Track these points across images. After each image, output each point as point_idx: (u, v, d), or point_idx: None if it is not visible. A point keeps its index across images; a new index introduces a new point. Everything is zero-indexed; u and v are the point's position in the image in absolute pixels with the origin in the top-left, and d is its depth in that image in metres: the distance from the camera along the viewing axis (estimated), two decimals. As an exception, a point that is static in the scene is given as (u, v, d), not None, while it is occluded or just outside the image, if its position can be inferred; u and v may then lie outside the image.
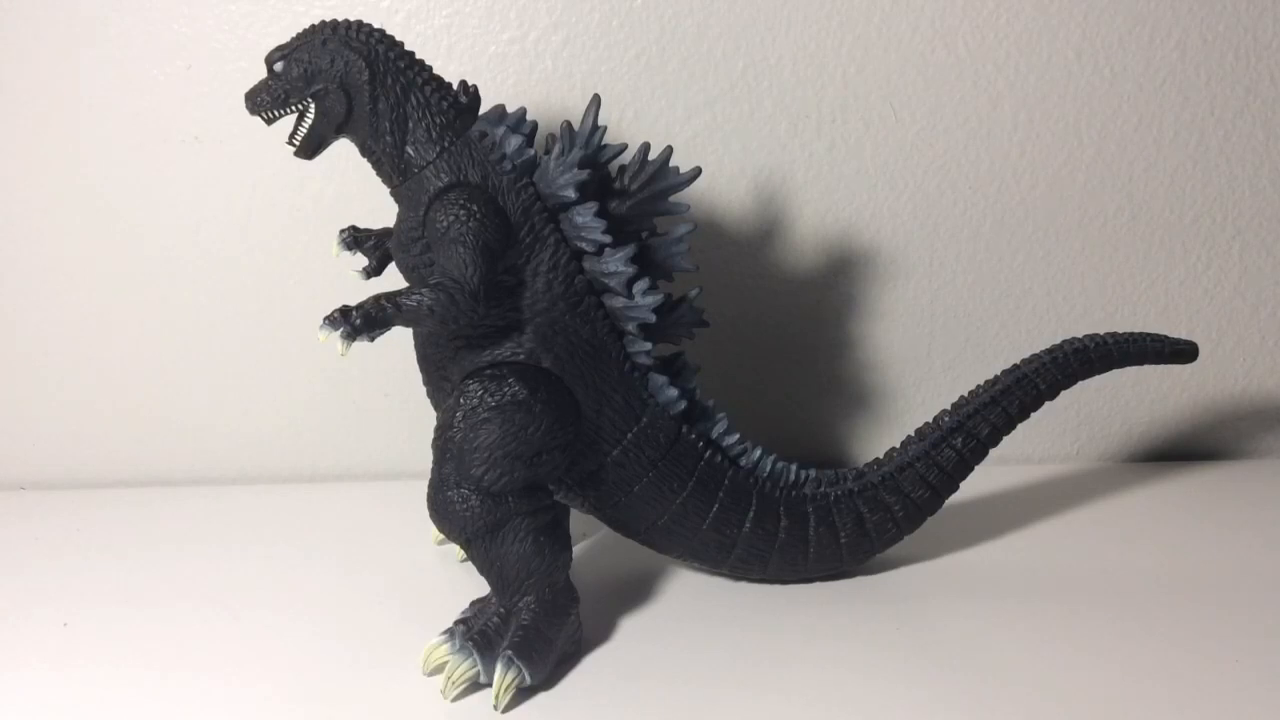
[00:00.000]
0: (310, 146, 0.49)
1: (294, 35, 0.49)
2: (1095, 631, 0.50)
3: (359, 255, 0.55)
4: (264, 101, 0.48)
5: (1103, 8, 0.64)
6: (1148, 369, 0.70)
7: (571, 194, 0.47)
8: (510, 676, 0.45)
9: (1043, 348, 0.58)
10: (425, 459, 0.48)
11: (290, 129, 0.49)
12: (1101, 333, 0.55)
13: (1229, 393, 0.71)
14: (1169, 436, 0.72)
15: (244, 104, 0.49)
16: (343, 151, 0.65)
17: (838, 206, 0.67)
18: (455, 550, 0.57)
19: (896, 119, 0.65)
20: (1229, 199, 0.67)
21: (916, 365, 0.70)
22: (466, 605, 0.50)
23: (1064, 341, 0.55)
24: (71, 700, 0.46)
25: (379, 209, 0.66)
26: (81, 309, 0.69)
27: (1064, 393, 0.55)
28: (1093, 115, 0.66)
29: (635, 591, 0.54)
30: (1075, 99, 0.65)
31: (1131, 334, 0.55)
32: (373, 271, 0.56)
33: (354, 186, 0.66)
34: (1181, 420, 0.72)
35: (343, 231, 0.55)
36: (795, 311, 0.68)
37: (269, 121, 0.49)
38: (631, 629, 0.51)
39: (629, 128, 0.64)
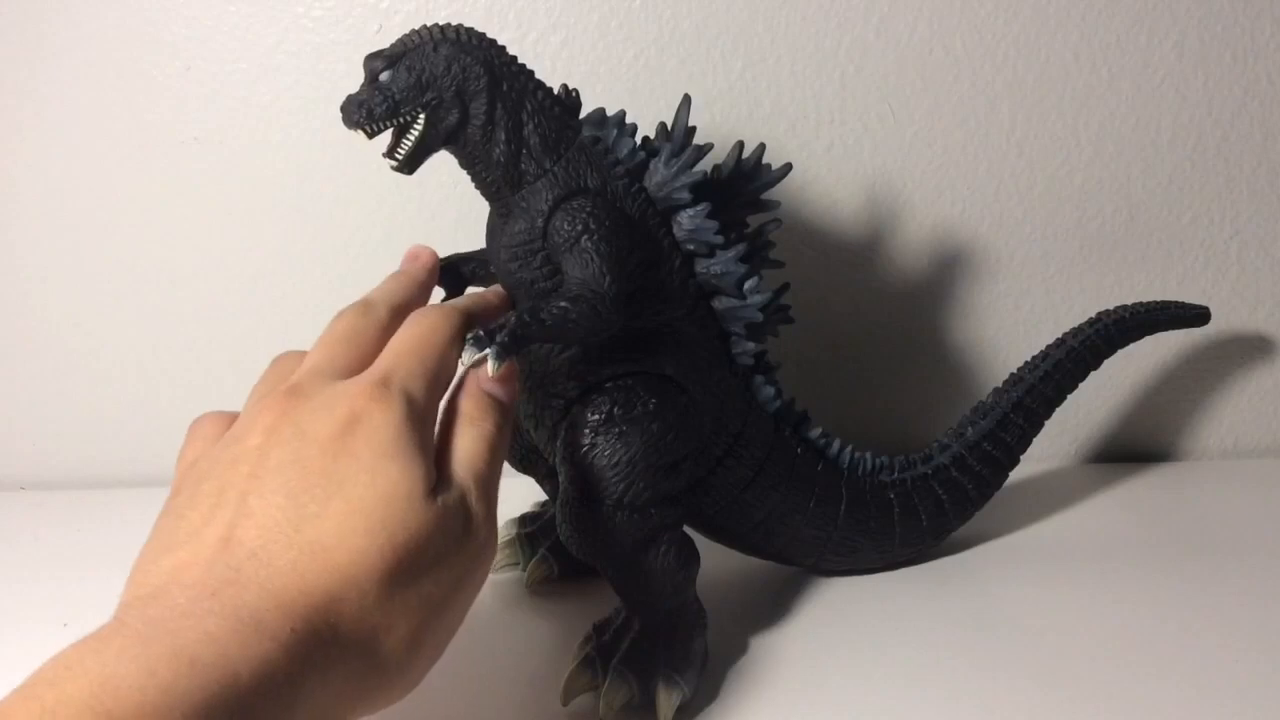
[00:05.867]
0: (416, 160, 0.45)
1: (392, 43, 0.45)
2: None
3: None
4: (377, 113, 0.43)
5: (1100, 9, 0.64)
6: (1148, 369, 0.70)
7: (686, 195, 0.46)
8: (675, 696, 0.44)
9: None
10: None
11: (389, 143, 0.45)
12: (1130, 303, 0.60)
13: (1227, 392, 0.71)
14: (1168, 436, 0.72)
15: (342, 118, 0.44)
16: (341, 151, 0.66)
17: (836, 207, 0.67)
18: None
19: (895, 120, 0.65)
20: (1226, 200, 0.68)
21: (912, 364, 0.70)
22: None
23: (1102, 313, 0.59)
24: (72, 700, 0.46)
25: (378, 209, 0.67)
26: (81, 309, 0.69)
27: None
28: (1090, 116, 0.66)
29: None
30: (1073, 100, 0.65)
31: (1157, 302, 0.60)
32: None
33: (353, 186, 0.66)
34: (1180, 420, 0.72)
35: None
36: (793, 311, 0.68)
37: (371, 135, 0.44)
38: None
39: (628, 128, 0.64)
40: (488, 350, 0.40)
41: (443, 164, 0.47)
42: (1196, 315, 0.61)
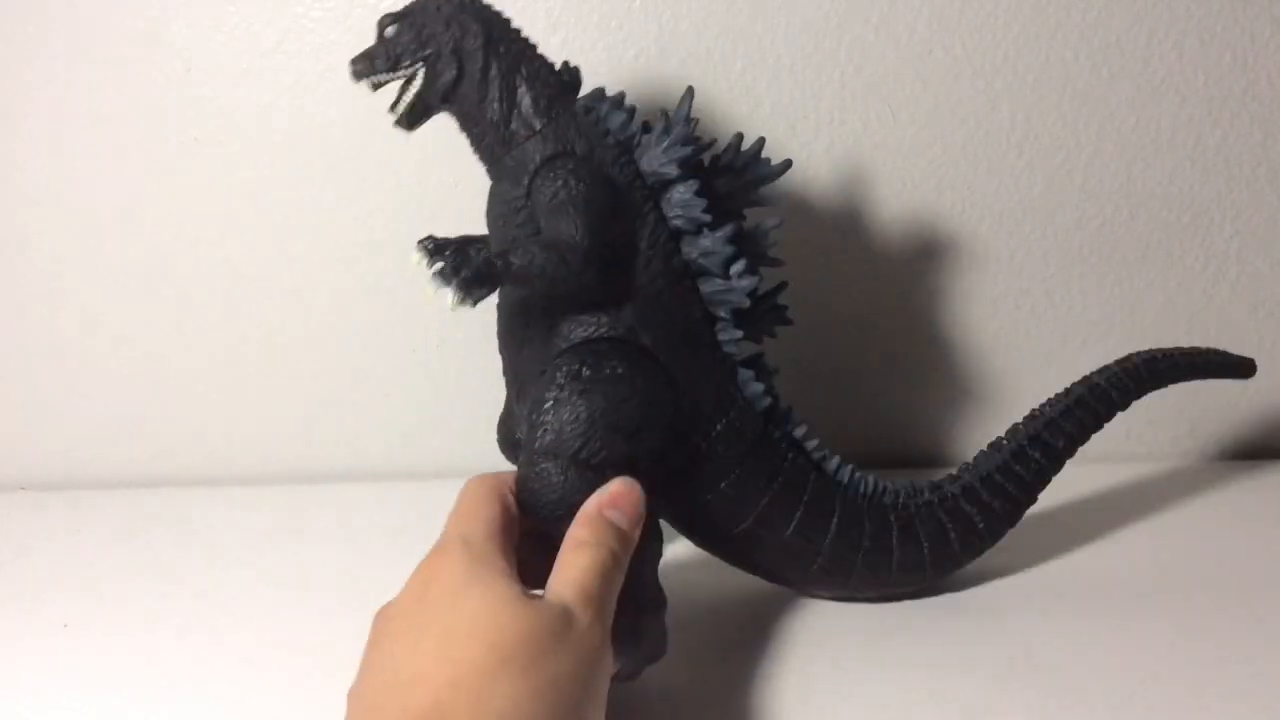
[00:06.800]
0: (414, 115, 0.48)
1: (406, 4, 0.48)
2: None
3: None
4: (379, 64, 0.47)
5: (1100, 8, 0.64)
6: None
7: (673, 170, 0.47)
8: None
9: (1040, 347, 0.58)
10: (426, 459, 0.48)
11: (392, 99, 0.48)
12: (1167, 346, 0.56)
13: (1227, 393, 0.71)
14: (1168, 436, 0.72)
15: (350, 72, 0.48)
16: (342, 151, 0.66)
17: (836, 207, 0.67)
18: None
19: (894, 120, 0.65)
20: (1226, 199, 0.68)
21: (912, 363, 0.70)
22: None
23: (1133, 353, 0.56)
24: (71, 700, 0.46)
25: (379, 208, 0.67)
26: (81, 309, 0.69)
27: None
28: (1090, 116, 0.66)
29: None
30: (1073, 100, 0.65)
31: (1196, 348, 0.56)
32: None
33: (354, 186, 0.66)
34: (1180, 420, 0.72)
35: (423, 242, 0.49)
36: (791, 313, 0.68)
37: (375, 88, 0.48)
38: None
39: (628, 128, 0.64)
40: (450, 285, 0.41)
41: (443, 163, 0.47)
42: (1238, 365, 0.56)
